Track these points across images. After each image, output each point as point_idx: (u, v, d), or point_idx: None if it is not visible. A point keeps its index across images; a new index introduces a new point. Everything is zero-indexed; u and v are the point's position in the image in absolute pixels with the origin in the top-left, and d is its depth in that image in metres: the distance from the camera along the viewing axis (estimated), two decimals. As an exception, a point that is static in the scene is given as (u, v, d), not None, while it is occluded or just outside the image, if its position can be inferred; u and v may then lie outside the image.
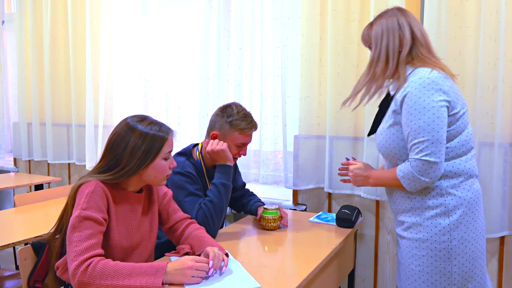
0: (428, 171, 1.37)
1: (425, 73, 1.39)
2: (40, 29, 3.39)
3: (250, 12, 2.53)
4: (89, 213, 1.27)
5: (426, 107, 1.35)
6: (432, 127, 1.35)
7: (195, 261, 1.28)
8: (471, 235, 1.42)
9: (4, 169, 3.82)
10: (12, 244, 1.71)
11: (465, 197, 1.42)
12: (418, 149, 1.37)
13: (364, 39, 1.57)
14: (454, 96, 1.40)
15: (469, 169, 1.45)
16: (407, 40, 1.45)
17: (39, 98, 3.45)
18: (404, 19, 1.47)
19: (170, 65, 2.81)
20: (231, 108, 1.84)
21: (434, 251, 1.41)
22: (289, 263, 1.53)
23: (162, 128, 1.40)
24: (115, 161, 1.35)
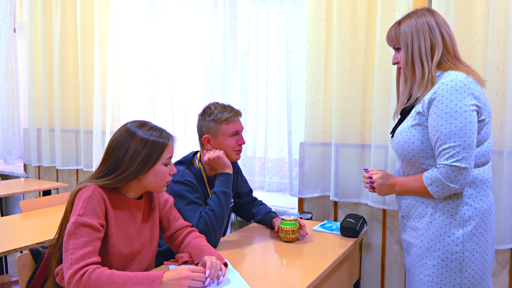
0: (458, 178, 1.32)
1: (456, 76, 1.35)
2: (50, 37, 3.43)
3: (256, 19, 2.53)
4: (85, 219, 1.26)
5: (458, 111, 1.31)
6: (464, 132, 1.30)
7: (191, 270, 1.26)
8: (482, 247, 1.39)
9: (15, 175, 3.86)
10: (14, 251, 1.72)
11: (480, 208, 1.39)
12: (448, 155, 1.32)
13: (390, 38, 1.51)
14: (483, 103, 1.36)
15: (487, 180, 1.42)
16: (439, 43, 1.41)
17: (48, 105, 3.49)
18: (434, 21, 1.42)
19: (176, 71, 2.82)
20: (209, 108, 1.87)
21: (445, 261, 1.39)
22: (289, 273, 1.49)
23: (163, 134, 1.39)
24: (115, 165, 1.34)
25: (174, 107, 2.83)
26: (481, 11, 1.91)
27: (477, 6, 1.92)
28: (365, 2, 2.17)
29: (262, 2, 2.50)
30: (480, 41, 1.92)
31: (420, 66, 1.41)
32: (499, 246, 1.90)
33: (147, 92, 2.97)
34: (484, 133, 1.39)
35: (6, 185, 3.26)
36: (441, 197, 1.39)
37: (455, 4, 1.93)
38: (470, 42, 1.94)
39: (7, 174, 3.90)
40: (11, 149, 3.88)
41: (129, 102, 3.08)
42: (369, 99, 2.19)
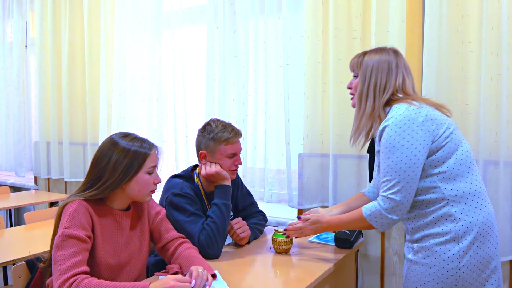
0: (395, 209, 1.40)
1: (398, 111, 1.40)
2: (59, 53, 3.53)
3: (254, 32, 2.57)
4: (71, 232, 1.29)
5: (395, 146, 1.38)
6: (399, 167, 1.37)
7: (177, 280, 1.28)
8: (480, 260, 1.37)
9: (25, 187, 3.96)
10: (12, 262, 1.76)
11: (475, 221, 1.37)
12: (386, 187, 1.40)
13: (352, 65, 1.61)
14: (435, 121, 1.40)
15: (476, 191, 1.40)
16: (391, 84, 1.48)
17: (57, 118, 3.58)
18: (395, 63, 1.50)
19: (178, 85, 2.87)
20: (209, 125, 1.87)
21: (441, 277, 1.37)
22: (277, 285, 1.50)
23: (144, 144, 1.43)
24: (99, 175, 1.38)
25: (176, 120, 2.88)
26: (474, 21, 1.91)
27: (470, 16, 1.92)
28: (360, 15, 2.19)
29: (260, 16, 2.54)
30: (474, 51, 1.92)
31: (372, 100, 1.49)
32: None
33: (151, 105, 3.03)
34: (450, 143, 1.40)
35: (17, 197, 3.36)
36: (382, 229, 1.46)
37: (448, 15, 1.94)
38: (464, 52, 1.95)
39: (19, 186, 4.00)
40: (22, 162, 3.99)
41: (133, 115, 3.14)
42: (365, 110, 2.20)
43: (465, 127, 1.95)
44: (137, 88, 3.11)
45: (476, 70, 1.91)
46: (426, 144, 1.38)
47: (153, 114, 3.02)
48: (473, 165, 1.44)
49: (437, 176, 1.39)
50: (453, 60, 1.96)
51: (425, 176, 1.40)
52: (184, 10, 2.88)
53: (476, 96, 1.91)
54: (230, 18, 2.60)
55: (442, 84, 1.97)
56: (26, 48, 3.97)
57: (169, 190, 1.82)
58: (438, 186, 1.39)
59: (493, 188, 1.87)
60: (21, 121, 3.97)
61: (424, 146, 1.37)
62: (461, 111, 1.96)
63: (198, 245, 1.67)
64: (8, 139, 4.12)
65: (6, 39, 4.16)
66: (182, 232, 1.72)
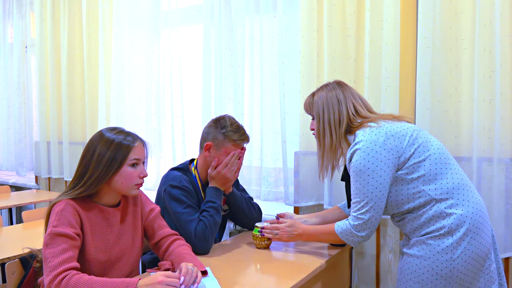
0: (363, 227, 1.50)
1: (361, 137, 1.49)
2: (58, 53, 3.56)
3: (250, 31, 2.57)
4: (59, 230, 1.31)
5: (362, 170, 1.46)
6: (367, 189, 1.46)
7: (166, 276, 1.29)
8: (476, 252, 1.39)
9: (27, 186, 3.99)
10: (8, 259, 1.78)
11: (466, 213, 1.41)
12: (356, 208, 1.50)
13: (306, 107, 1.71)
14: (395, 136, 1.47)
15: (459, 183, 1.45)
16: (344, 115, 1.58)
17: (57, 118, 3.60)
18: (342, 95, 1.60)
19: (175, 84, 2.89)
20: (224, 120, 1.88)
21: (435, 269, 1.41)
22: (267, 282, 1.50)
23: (127, 138, 1.45)
24: (84, 170, 1.40)
25: (174, 119, 2.89)
26: (468, 18, 1.91)
27: (463, 13, 1.92)
28: (354, 12, 2.19)
29: (256, 15, 2.55)
30: (468, 48, 1.92)
31: (329, 136, 1.60)
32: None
33: (149, 104, 3.04)
34: (419, 148, 1.47)
35: (18, 196, 3.39)
36: (355, 245, 1.58)
37: (441, 12, 1.94)
38: (457, 49, 1.94)
39: (21, 186, 4.04)
40: (23, 161, 4.01)
41: (131, 114, 3.16)
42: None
43: (459, 124, 1.95)
44: (135, 87, 3.13)
45: (469, 67, 1.91)
46: (391, 162, 1.46)
47: (151, 113, 3.03)
48: (449, 159, 1.50)
49: (417, 180, 1.45)
50: (446, 57, 1.96)
51: (407, 183, 1.47)
52: (181, 10, 2.90)
53: (469, 93, 1.91)
54: (226, 17, 2.62)
55: (436, 82, 1.97)
56: (27, 49, 4.00)
57: (167, 182, 1.86)
58: (422, 189, 1.45)
59: (487, 185, 1.86)
60: (22, 121, 3.99)
61: (389, 165, 1.45)
62: (455, 109, 1.96)
63: (194, 236, 1.69)
64: (9, 139, 4.14)
65: (7, 40, 4.19)
66: (178, 223, 1.74)
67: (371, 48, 2.11)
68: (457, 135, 1.96)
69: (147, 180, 3.08)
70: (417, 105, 2.00)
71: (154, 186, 3.03)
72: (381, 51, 2.07)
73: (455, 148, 1.96)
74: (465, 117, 1.93)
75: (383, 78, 2.06)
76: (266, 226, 1.81)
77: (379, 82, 2.09)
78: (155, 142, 3.02)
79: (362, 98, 1.66)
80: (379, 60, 2.09)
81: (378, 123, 1.52)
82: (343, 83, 1.66)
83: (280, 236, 1.76)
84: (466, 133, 1.93)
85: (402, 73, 2.06)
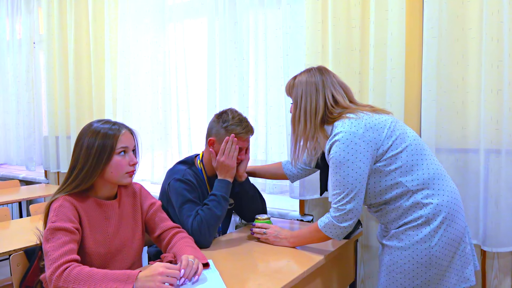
0: (345, 217, 1.49)
1: (339, 128, 1.48)
2: (65, 48, 3.58)
3: (254, 23, 2.56)
4: (58, 224, 1.32)
5: (341, 161, 1.45)
6: (347, 180, 1.45)
7: (166, 267, 1.29)
8: (451, 238, 1.44)
9: (37, 181, 4.04)
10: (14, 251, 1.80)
11: (442, 203, 1.45)
12: (336, 199, 1.50)
13: (286, 90, 1.69)
14: (374, 128, 1.47)
15: (434, 174, 1.48)
16: (320, 107, 1.54)
17: (65, 113, 3.63)
18: (321, 83, 1.57)
19: (181, 77, 2.89)
20: (227, 114, 1.87)
21: (415, 258, 1.45)
22: (270, 274, 1.49)
23: (113, 127, 1.45)
24: (75, 164, 1.41)
25: (179, 112, 2.90)
26: (474, 7, 1.86)
27: (470, 2, 1.87)
28: (359, 3, 2.15)
29: (260, 7, 2.53)
30: (475, 38, 1.88)
31: (303, 123, 1.57)
32: (499, 249, 1.84)
33: (155, 98, 3.05)
34: (396, 139, 1.48)
35: (28, 190, 3.43)
36: (339, 238, 1.56)
37: (447, 1, 1.90)
38: (465, 39, 1.90)
39: (31, 180, 4.09)
40: (32, 156, 4.06)
41: (138, 108, 3.17)
42: (364, 100, 2.16)
43: (465, 116, 1.91)
44: (141, 82, 3.14)
45: (476, 57, 1.87)
46: (369, 154, 1.46)
47: (157, 108, 3.04)
48: (424, 150, 1.52)
49: (395, 172, 1.47)
50: (453, 48, 1.92)
51: (385, 175, 1.48)
52: (185, 3, 2.89)
53: (476, 83, 1.87)
54: (230, 10, 2.60)
55: (443, 73, 1.93)
56: (35, 44, 4.03)
57: (172, 175, 1.86)
58: (399, 181, 1.46)
59: (494, 177, 1.83)
60: (31, 116, 4.04)
61: (367, 156, 1.45)
62: (462, 100, 1.92)
63: (190, 230, 1.69)
64: (19, 134, 4.19)
65: (15, 36, 4.23)
66: (179, 216, 1.75)
67: (376, 39, 2.07)
68: (464, 127, 1.92)
69: (154, 173, 3.09)
70: (423, 97, 1.96)
71: (161, 180, 3.03)
72: (387, 41, 2.03)
73: (462, 139, 1.92)
74: (472, 108, 1.90)
75: (388, 69, 2.03)
76: (257, 225, 1.82)
77: (384, 73, 2.06)
78: (161, 136, 3.03)
79: (344, 87, 1.62)
80: (384, 51, 2.06)
81: (357, 114, 1.50)
82: (325, 70, 1.63)
83: (267, 237, 1.77)
84: (473, 125, 1.89)
85: (408, 64, 2.02)
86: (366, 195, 1.53)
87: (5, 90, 4.37)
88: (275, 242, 1.75)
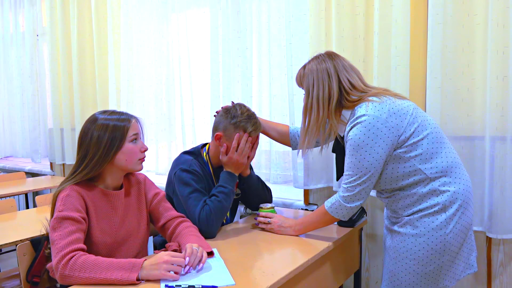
0: (352, 198, 1.48)
1: (362, 111, 1.44)
2: (68, 41, 3.58)
3: (257, 12, 2.54)
4: (65, 213, 1.33)
5: (360, 145, 1.42)
6: (362, 164, 1.43)
7: (171, 256, 1.30)
8: (464, 225, 1.46)
9: (42, 173, 4.07)
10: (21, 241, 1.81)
11: (458, 191, 1.45)
12: (347, 180, 1.48)
13: (297, 81, 1.64)
14: (397, 113, 1.44)
15: (452, 162, 1.47)
16: (335, 92, 1.50)
17: (69, 105, 3.64)
18: (332, 68, 1.52)
19: (184, 68, 2.88)
20: (235, 109, 1.84)
21: (430, 245, 1.44)
22: (274, 263, 1.50)
23: (122, 117, 1.45)
24: (85, 153, 1.42)
25: (183, 103, 2.89)
26: (480, -8, 1.84)
27: (476, -13, 1.85)
28: (363, -11, 2.13)
29: (263, -5, 2.51)
30: (481, 24, 1.86)
31: (316, 112, 1.53)
32: (504, 236, 1.83)
33: (158, 89, 3.04)
34: (418, 126, 1.45)
35: (34, 182, 3.46)
36: (345, 218, 1.55)
37: (453, -14, 1.87)
38: (470, 25, 1.88)
39: (36, 173, 4.12)
40: (37, 148, 4.08)
41: (141, 99, 3.17)
42: (368, 88, 2.16)
43: (471, 102, 1.90)
44: (145, 73, 3.13)
45: (482, 43, 1.85)
46: (390, 140, 1.43)
47: (161, 98, 3.04)
48: (443, 138, 1.50)
49: (415, 159, 1.44)
50: (459, 34, 1.90)
51: (404, 162, 1.46)
52: (188, -7, 2.87)
53: (482, 70, 1.85)
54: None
55: (448, 59, 1.91)
56: (38, 37, 4.03)
57: (178, 165, 1.86)
58: (418, 168, 1.45)
59: (500, 164, 1.81)
60: (36, 109, 4.05)
61: (387, 142, 1.43)
62: (468, 87, 1.90)
63: (197, 220, 1.69)
64: (24, 127, 4.21)
65: (19, 29, 4.23)
66: (185, 206, 1.76)
67: (380, 26, 2.05)
68: (469, 114, 1.91)
69: (158, 164, 3.10)
70: (428, 84, 1.95)
71: (166, 171, 3.05)
72: (391, 28, 2.01)
73: (467, 127, 1.91)
74: (478, 95, 1.88)
75: (392, 56, 2.01)
76: (261, 214, 1.82)
77: (388, 60, 2.04)
78: (165, 127, 3.03)
79: (356, 70, 1.58)
80: (388, 38, 2.04)
81: (381, 98, 1.47)
82: (334, 54, 1.58)
83: (272, 226, 1.76)
84: (479, 112, 1.88)
85: (413, 51, 2.00)
86: (382, 180, 1.51)
87: (10, 83, 4.38)
88: (279, 231, 1.75)
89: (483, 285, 1.98)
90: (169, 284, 1.24)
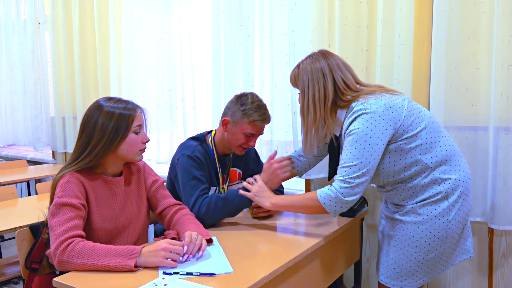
0: (351, 192, 1.43)
1: (358, 107, 1.44)
2: (70, 29, 3.55)
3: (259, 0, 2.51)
4: (65, 200, 1.32)
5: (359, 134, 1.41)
6: (362, 154, 1.41)
7: (169, 243, 1.29)
8: (466, 212, 1.48)
9: (45, 161, 4.07)
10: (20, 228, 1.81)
11: (459, 178, 1.47)
12: (345, 172, 1.43)
13: (292, 81, 1.62)
14: (393, 107, 1.44)
15: (451, 150, 1.49)
16: (330, 92, 1.48)
17: (71, 93, 3.63)
18: (327, 68, 1.51)
19: (185, 56, 2.86)
20: (247, 97, 1.85)
21: (433, 232, 1.46)
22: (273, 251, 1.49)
23: (128, 106, 1.44)
24: (88, 140, 1.40)
25: (184, 92, 2.87)
26: (487, -21, 1.80)
27: (482, -26, 1.81)
28: (367, -24, 2.09)
29: (266, -17, 2.47)
30: (487, 12, 1.82)
31: (313, 112, 1.52)
32: (506, 227, 1.82)
33: (160, 78, 3.02)
34: (415, 119, 1.46)
35: (36, 170, 3.47)
36: (336, 214, 1.49)
37: (459, -27, 1.84)
38: (476, 13, 1.84)
39: (39, 161, 4.13)
40: (39, 136, 4.08)
41: (143, 88, 3.15)
42: (371, 77, 2.14)
43: (476, 92, 1.87)
44: (146, 61, 3.11)
45: (488, 31, 1.81)
46: (388, 133, 1.43)
47: (162, 87, 3.02)
48: (440, 127, 1.51)
49: (415, 150, 1.45)
50: (464, 22, 1.86)
51: (405, 153, 1.46)
52: (190, -21, 2.84)
53: (487, 59, 1.82)
54: (235, -14, 2.55)
55: (453, 48, 1.88)
56: (40, 25, 4.00)
57: (181, 150, 1.86)
58: (419, 158, 1.45)
59: (504, 155, 1.79)
60: (38, 97, 4.04)
61: (386, 135, 1.43)
62: (472, 76, 1.87)
63: (191, 209, 1.68)
64: (26, 115, 4.21)
65: (21, 17, 4.20)
66: (183, 192, 1.75)
67: (384, 14, 2.02)
68: (474, 104, 1.88)
69: (159, 153, 3.09)
70: (432, 73, 1.92)
71: (167, 160, 3.04)
72: (395, 16, 1.98)
73: (471, 117, 1.88)
74: (483, 85, 1.85)
75: (396, 44, 1.98)
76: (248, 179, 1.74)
77: (392, 49, 2.01)
78: (166, 115, 3.02)
79: (349, 68, 1.57)
80: (392, 26, 2.01)
81: (376, 95, 1.48)
82: (328, 53, 1.56)
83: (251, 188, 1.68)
84: (483, 101, 1.85)
85: (417, 39, 1.97)
86: (384, 174, 1.51)
87: (12, 71, 4.37)
88: (255, 197, 1.66)
89: (485, 276, 1.97)
90: (167, 271, 1.23)
